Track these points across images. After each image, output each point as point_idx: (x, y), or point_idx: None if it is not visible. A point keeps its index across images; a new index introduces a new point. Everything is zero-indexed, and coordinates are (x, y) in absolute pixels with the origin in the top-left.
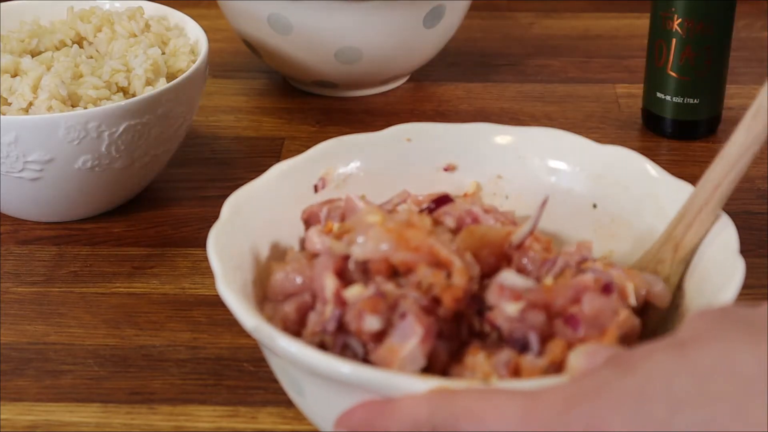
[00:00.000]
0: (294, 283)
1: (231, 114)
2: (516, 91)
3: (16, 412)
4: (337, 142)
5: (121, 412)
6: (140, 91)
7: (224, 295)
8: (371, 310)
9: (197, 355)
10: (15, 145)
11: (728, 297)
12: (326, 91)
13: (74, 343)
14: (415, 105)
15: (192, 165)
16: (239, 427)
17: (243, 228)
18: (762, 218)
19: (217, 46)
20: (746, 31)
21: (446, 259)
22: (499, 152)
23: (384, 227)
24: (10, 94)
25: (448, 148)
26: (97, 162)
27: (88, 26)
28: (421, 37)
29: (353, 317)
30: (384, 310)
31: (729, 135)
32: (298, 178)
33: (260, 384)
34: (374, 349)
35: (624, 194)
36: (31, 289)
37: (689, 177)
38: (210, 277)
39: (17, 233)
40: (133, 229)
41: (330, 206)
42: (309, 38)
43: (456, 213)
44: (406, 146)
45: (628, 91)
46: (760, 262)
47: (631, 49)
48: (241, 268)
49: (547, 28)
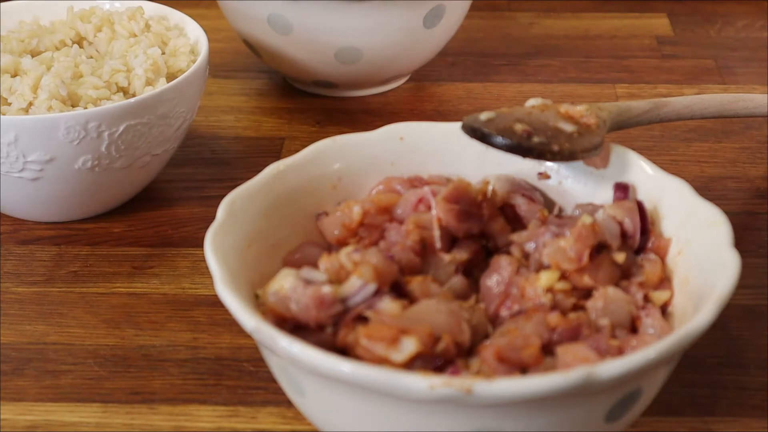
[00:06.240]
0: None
1: (231, 114)
2: (516, 91)
3: (16, 412)
4: (332, 141)
5: (121, 412)
6: (140, 91)
7: (223, 296)
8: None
9: (197, 355)
10: (15, 145)
11: (725, 292)
12: (326, 91)
13: (74, 343)
14: (415, 105)
15: (192, 165)
16: (239, 427)
17: (239, 228)
18: (762, 218)
19: (217, 46)
20: (746, 31)
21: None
22: (492, 151)
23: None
24: (10, 94)
25: (442, 148)
26: (97, 162)
27: (88, 26)
28: (421, 37)
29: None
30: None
31: (728, 136)
32: (293, 178)
33: (260, 384)
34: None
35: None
36: (31, 289)
37: (688, 176)
38: (210, 276)
39: (17, 233)
40: (133, 229)
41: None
42: (309, 38)
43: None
44: (399, 145)
45: (628, 91)
46: (760, 262)
47: (631, 49)
48: (239, 269)
49: (547, 28)
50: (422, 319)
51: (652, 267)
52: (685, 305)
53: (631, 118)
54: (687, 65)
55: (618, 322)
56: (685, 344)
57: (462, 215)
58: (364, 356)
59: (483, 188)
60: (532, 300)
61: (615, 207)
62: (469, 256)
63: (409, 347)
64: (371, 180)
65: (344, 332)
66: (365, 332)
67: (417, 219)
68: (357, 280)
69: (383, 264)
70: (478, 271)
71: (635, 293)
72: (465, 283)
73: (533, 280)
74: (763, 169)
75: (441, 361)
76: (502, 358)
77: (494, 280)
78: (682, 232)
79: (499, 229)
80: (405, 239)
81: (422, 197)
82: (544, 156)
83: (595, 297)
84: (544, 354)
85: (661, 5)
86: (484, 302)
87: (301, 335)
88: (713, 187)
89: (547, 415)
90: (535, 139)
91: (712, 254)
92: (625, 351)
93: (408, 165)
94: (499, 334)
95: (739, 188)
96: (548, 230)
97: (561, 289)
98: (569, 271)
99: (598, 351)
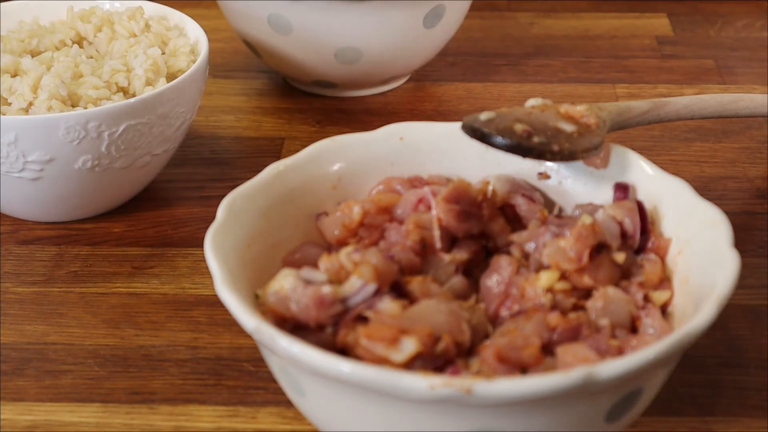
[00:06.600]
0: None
1: (231, 114)
2: (516, 91)
3: (16, 412)
4: (332, 141)
5: (121, 412)
6: (140, 91)
7: (223, 296)
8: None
9: (197, 355)
10: (15, 145)
11: (724, 292)
12: (326, 91)
13: (74, 343)
14: (415, 105)
15: (192, 165)
16: (239, 427)
17: (239, 228)
18: (762, 218)
19: (217, 46)
20: (746, 31)
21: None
22: (492, 151)
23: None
24: (10, 94)
25: (442, 148)
26: (97, 162)
27: (88, 26)
28: (421, 37)
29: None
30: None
31: (728, 136)
32: (293, 178)
33: (260, 384)
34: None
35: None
36: (31, 289)
37: (688, 176)
38: (210, 276)
39: (17, 233)
40: (133, 229)
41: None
42: (309, 38)
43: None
44: (399, 145)
45: (628, 91)
46: (760, 262)
47: (631, 49)
48: (239, 269)
49: (547, 28)
50: (422, 319)
51: (652, 267)
52: (685, 305)
53: (631, 118)
54: (687, 65)
55: (618, 322)
56: (685, 344)
57: (462, 215)
58: (364, 356)
59: (483, 188)
60: (532, 300)
61: (615, 207)
62: (469, 256)
63: (409, 347)
64: (371, 180)
65: (344, 332)
66: (365, 332)
67: (417, 219)
68: (357, 280)
69: (383, 264)
70: (478, 271)
71: (635, 293)
72: (465, 283)
73: (533, 280)
74: (763, 169)
75: (441, 361)
76: (502, 358)
77: (494, 280)
78: (682, 232)
79: (499, 229)
80: (405, 239)
81: (422, 197)
82: (544, 156)
83: (595, 297)
84: (544, 354)
85: (661, 5)
86: (484, 302)
87: (301, 335)
88: (713, 187)
89: (547, 415)
90: (535, 139)
91: (712, 254)
92: (625, 351)
93: (408, 165)
94: (499, 334)
95: (739, 188)
96: (548, 230)
97: (561, 289)
98: (569, 271)
99: (598, 351)
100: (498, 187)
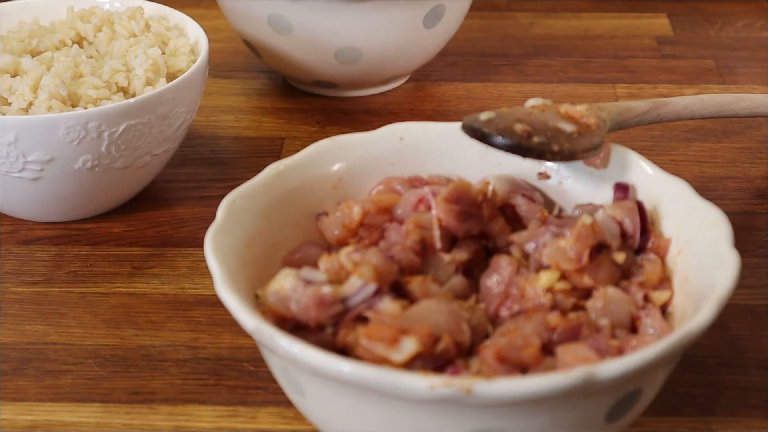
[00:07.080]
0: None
1: (231, 114)
2: (516, 91)
3: (16, 412)
4: (332, 141)
5: (121, 412)
6: (140, 91)
7: (223, 296)
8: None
9: (197, 355)
10: (15, 145)
11: (724, 292)
12: (326, 91)
13: (74, 343)
14: (415, 105)
15: (192, 165)
16: (239, 427)
17: (239, 228)
18: (762, 218)
19: (217, 46)
20: (746, 31)
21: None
22: (492, 151)
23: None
24: (10, 94)
25: (442, 148)
26: (97, 162)
27: (88, 26)
28: (421, 37)
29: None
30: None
31: (728, 136)
32: (293, 178)
33: (260, 384)
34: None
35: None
36: (31, 289)
37: (688, 176)
38: (210, 276)
39: (17, 233)
40: (133, 229)
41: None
42: (309, 38)
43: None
44: (399, 145)
45: (628, 91)
46: (760, 262)
47: (631, 49)
48: (239, 269)
49: (547, 28)
50: (422, 319)
51: (652, 267)
52: (685, 305)
53: (631, 118)
54: (687, 65)
55: (618, 322)
56: (685, 344)
57: (462, 215)
58: (364, 356)
59: (483, 188)
60: (532, 300)
61: (615, 207)
62: (469, 256)
63: (409, 347)
64: (371, 180)
65: (344, 332)
66: (365, 332)
67: (417, 219)
68: (357, 280)
69: (383, 264)
70: (478, 271)
71: (635, 293)
72: (465, 283)
73: (533, 280)
74: (763, 169)
75: (441, 361)
76: (502, 358)
77: (494, 280)
78: (682, 232)
79: (499, 229)
80: (405, 239)
81: (422, 197)
82: (544, 156)
83: (595, 297)
84: (544, 354)
85: (661, 5)
86: (484, 302)
87: (301, 335)
88: (713, 187)
89: (547, 415)
90: (535, 139)
91: (712, 254)
92: (625, 351)
93: (408, 165)
94: (499, 334)
95: (739, 188)
96: (548, 230)
97: (561, 289)
98: (569, 271)
99: (598, 351)
100: (498, 187)
